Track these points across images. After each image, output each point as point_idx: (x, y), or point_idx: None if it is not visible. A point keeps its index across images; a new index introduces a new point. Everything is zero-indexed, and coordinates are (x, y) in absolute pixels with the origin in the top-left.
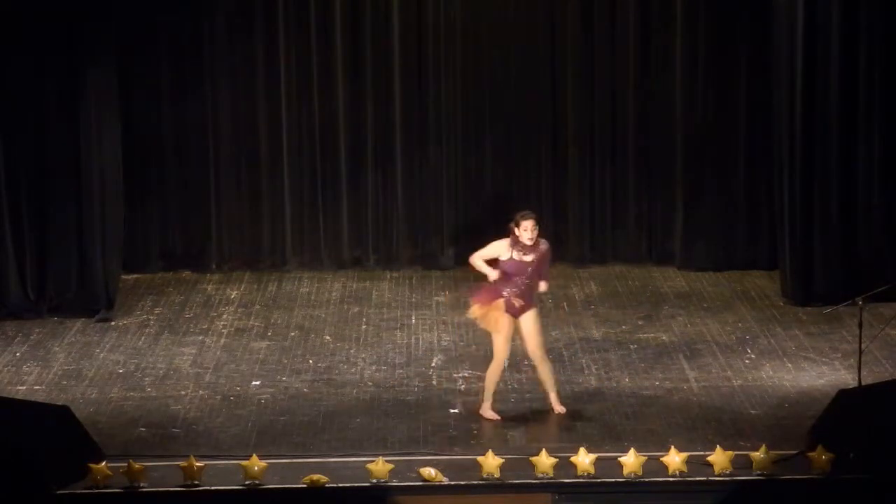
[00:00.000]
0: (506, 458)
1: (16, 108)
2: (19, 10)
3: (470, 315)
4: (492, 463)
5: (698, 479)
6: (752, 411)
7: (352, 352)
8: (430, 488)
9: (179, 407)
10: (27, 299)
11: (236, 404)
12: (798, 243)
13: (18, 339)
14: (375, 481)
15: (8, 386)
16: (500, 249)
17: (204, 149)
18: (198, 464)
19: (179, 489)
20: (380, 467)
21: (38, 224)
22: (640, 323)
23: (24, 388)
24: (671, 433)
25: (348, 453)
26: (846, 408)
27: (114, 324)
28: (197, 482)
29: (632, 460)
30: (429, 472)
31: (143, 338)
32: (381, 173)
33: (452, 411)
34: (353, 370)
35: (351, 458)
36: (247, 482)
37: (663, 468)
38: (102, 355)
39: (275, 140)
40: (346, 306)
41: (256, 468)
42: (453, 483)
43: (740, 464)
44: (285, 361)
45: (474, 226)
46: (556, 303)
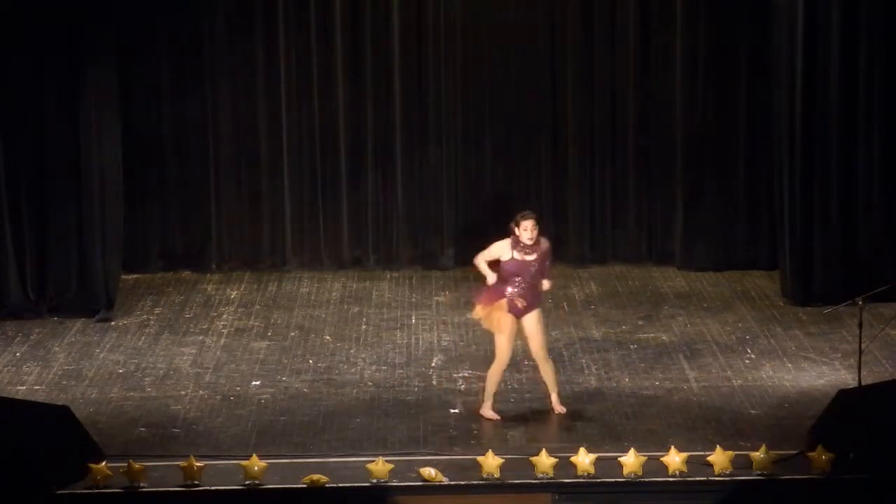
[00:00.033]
0: (506, 458)
1: (16, 108)
2: (19, 10)
3: (473, 315)
4: (492, 463)
5: (698, 479)
6: (752, 411)
7: (352, 352)
8: (430, 488)
9: (179, 407)
10: (27, 299)
11: (236, 404)
12: (798, 243)
13: (18, 339)
14: (375, 481)
15: (8, 386)
16: (501, 250)
17: (204, 149)
18: (198, 464)
19: (179, 489)
20: (380, 467)
21: (38, 224)
22: (640, 323)
23: (24, 388)
24: (671, 433)
25: (348, 453)
26: (846, 408)
27: (114, 324)
28: (197, 482)
29: (632, 460)
30: (429, 472)
31: (143, 338)
32: (381, 173)
33: (452, 411)
34: (353, 370)
35: (351, 458)
36: (247, 482)
37: (663, 468)
38: (102, 355)
39: (275, 140)
40: (346, 306)
41: (256, 468)
42: (453, 483)
43: (740, 464)
44: (285, 361)
45: (474, 226)
46: (556, 303)
